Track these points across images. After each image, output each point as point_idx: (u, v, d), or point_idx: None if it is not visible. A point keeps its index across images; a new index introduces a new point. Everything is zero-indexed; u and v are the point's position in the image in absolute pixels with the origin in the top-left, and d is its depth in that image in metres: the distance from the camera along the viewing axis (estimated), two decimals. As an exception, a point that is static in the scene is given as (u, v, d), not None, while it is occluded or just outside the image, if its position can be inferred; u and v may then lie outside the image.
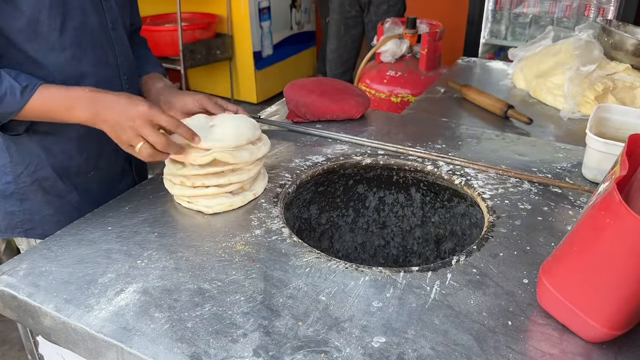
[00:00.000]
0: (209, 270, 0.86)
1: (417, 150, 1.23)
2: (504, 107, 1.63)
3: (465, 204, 1.26)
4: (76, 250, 0.91)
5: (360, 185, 1.35)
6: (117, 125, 0.96)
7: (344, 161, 1.22)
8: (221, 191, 1.01)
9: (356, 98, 1.41)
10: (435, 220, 1.39)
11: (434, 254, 1.45)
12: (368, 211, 1.42)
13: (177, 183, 1.02)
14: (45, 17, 1.00)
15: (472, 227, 1.32)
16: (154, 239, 0.94)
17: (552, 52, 1.83)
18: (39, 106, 0.96)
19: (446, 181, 1.18)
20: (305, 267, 0.87)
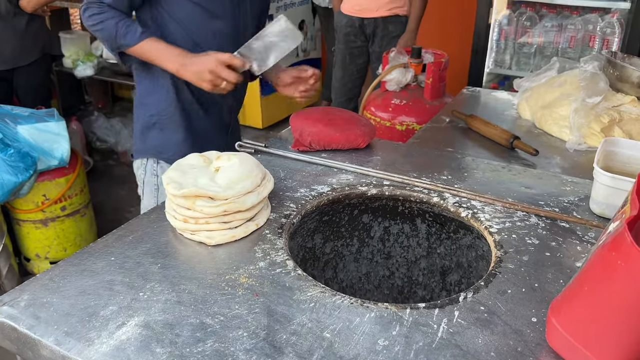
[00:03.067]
0: (212, 304, 0.85)
1: (422, 182, 1.22)
2: (510, 138, 1.63)
3: (471, 236, 1.25)
4: (78, 281, 0.90)
5: (366, 214, 1.34)
6: (199, 73, 1.40)
7: (350, 191, 1.21)
8: (225, 227, 1.00)
9: (362, 128, 1.41)
10: (440, 252, 1.38)
11: (439, 285, 1.43)
12: (373, 241, 1.41)
13: (180, 219, 1.02)
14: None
15: (478, 260, 1.30)
16: (156, 271, 0.93)
17: (557, 83, 1.84)
18: (145, 49, 1.44)
19: (452, 213, 1.17)
20: (309, 301, 0.85)
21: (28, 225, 2.52)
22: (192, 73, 1.41)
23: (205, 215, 0.99)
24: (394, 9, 3.06)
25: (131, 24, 1.43)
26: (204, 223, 1.00)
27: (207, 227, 1.00)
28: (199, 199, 0.99)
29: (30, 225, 2.51)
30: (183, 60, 1.42)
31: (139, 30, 1.42)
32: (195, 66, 1.40)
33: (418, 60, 2.31)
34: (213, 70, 1.38)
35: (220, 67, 1.38)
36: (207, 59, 1.40)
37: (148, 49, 1.43)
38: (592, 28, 2.57)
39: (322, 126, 1.38)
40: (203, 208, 0.99)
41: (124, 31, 1.41)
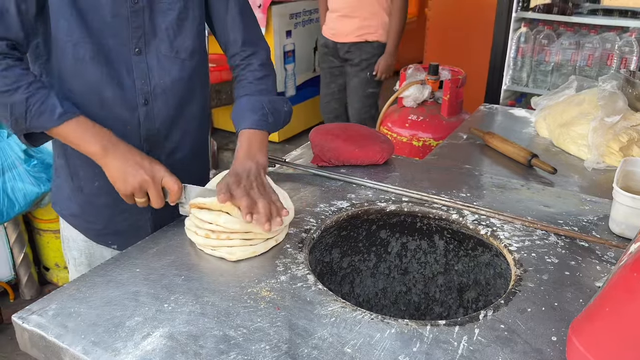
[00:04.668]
0: (235, 316, 0.86)
1: (441, 199, 1.23)
2: (528, 156, 1.63)
3: (490, 253, 1.25)
4: (104, 292, 0.92)
5: (383, 230, 1.35)
6: (125, 172, 1.03)
7: (369, 207, 1.23)
8: (246, 244, 1.02)
9: (381, 144, 1.43)
10: (458, 269, 1.38)
11: (456, 302, 1.43)
12: (390, 256, 1.42)
13: (201, 234, 1.04)
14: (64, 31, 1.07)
15: (496, 277, 1.30)
16: (180, 283, 0.95)
17: (575, 101, 1.84)
18: (66, 133, 1.04)
19: (471, 231, 1.18)
20: (330, 316, 0.87)
21: (48, 235, 2.56)
22: (117, 167, 1.04)
23: (227, 230, 1.01)
24: (364, 35, 3.10)
25: (46, 97, 1.01)
26: (226, 238, 1.02)
27: (228, 243, 1.02)
28: (224, 214, 1.01)
29: (51, 234, 2.55)
30: (110, 146, 1.04)
31: (58, 107, 1.01)
32: (125, 160, 1.04)
33: (435, 77, 2.33)
34: (145, 181, 1.03)
35: (156, 183, 1.04)
36: (146, 162, 1.05)
37: (69, 131, 1.04)
38: (610, 47, 2.58)
39: (342, 142, 1.40)
40: (227, 223, 1.01)
41: (38, 109, 1.00)
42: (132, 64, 1.13)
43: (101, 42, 1.09)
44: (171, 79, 1.18)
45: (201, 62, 1.24)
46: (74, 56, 1.08)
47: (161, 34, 1.14)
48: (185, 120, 1.24)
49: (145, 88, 1.15)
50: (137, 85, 1.15)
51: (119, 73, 1.13)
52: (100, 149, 1.03)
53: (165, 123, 1.21)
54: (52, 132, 1.04)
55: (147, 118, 1.18)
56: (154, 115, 1.18)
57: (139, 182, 1.03)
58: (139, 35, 1.12)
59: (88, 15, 1.07)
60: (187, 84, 1.21)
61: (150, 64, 1.15)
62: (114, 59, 1.11)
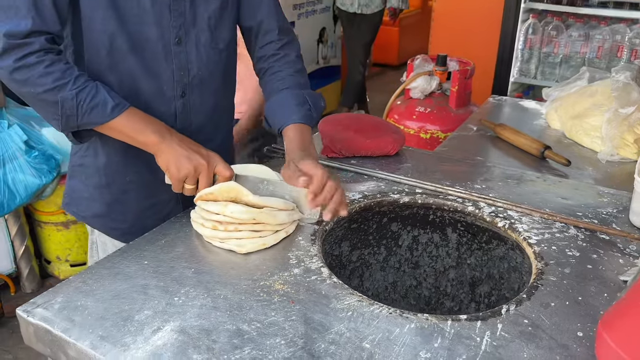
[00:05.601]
0: (248, 310, 0.83)
1: (456, 190, 1.20)
2: (541, 148, 1.60)
3: (505, 247, 1.22)
4: (112, 285, 0.89)
5: (395, 223, 1.32)
6: (180, 157, 0.99)
7: (381, 199, 1.20)
8: (255, 235, 0.99)
9: (392, 135, 1.39)
10: (471, 262, 1.35)
11: (468, 297, 1.40)
12: (401, 250, 1.39)
13: (208, 226, 1.00)
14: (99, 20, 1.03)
15: (510, 271, 1.27)
16: (190, 275, 0.92)
17: (588, 93, 1.81)
18: (120, 126, 1.00)
19: (488, 223, 1.14)
20: (347, 310, 0.83)
21: (49, 228, 2.53)
22: (173, 152, 0.99)
23: (235, 221, 0.98)
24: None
25: (96, 91, 0.97)
26: (234, 230, 0.98)
27: (237, 235, 0.98)
28: (231, 204, 0.98)
29: (52, 227, 2.52)
30: (166, 132, 1.02)
31: (109, 100, 0.97)
32: (181, 145, 1.00)
33: (443, 68, 2.29)
34: (201, 165, 1.00)
35: (210, 169, 1.01)
36: (202, 149, 1.03)
37: (123, 123, 0.99)
38: (620, 38, 2.54)
39: (352, 133, 1.36)
40: (234, 213, 0.97)
41: (89, 104, 0.96)
42: (172, 54, 1.09)
43: (139, 32, 1.04)
44: (209, 70, 1.14)
45: (234, 53, 1.21)
46: (110, 47, 1.04)
47: (202, 23, 1.10)
48: (217, 113, 1.21)
49: (184, 79, 1.11)
50: (176, 76, 1.10)
51: (158, 64, 1.08)
52: (158, 137, 1.00)
53: (199, 116, 1.17)
54: (104, 126, 0.99)
55: (183, 111, 1.14)
56: (189, 108, 1.14)
57: (194, 166, 0.99)
58: (180, 23, 1.08)
59: (126, 3, 1.02)
60: (222, 75, 1.18)
61: (189, 54, 1.10)
62: (153, 49, 1.06)
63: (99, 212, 1.21)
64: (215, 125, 1.22)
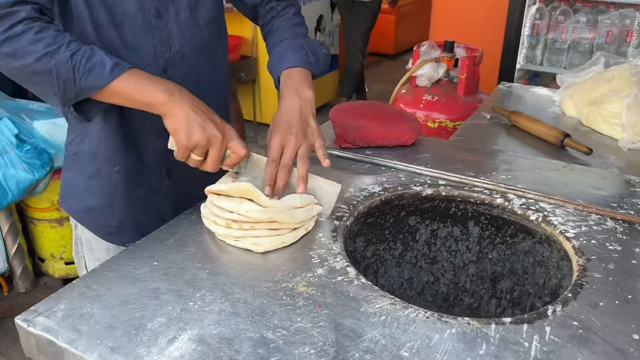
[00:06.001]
0: (271, 315, 0.76)
1: (482, 181, 1.13)
2: (560, 136, 1.53)
3: (532, 240, 1.16)
4: (120, 289, 0.81)
5: (413, 216, 1.25)
6: (192, 121, 0.89)
7: (403, 191, 1.12)
8: (273, 233, 0.92)
9: (409, 123, 1.32)
10: (493, 257, 1.29)
11: (488, 293, 1.34)
12: (418, 245, 1.32)
13: (221, 224, 0.92)
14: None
15: (535, 266, 1.21)
16: (205, 277, 0.84)
17: (605, 78, 1.74)
18: (122, 87, 0.89)
19: (518, 216, 1.08)
20: (379, 314, 0.76)
21: (43, 225, 2.44)
22: (185, 114, 0.89)
23: (251, 220, 0.90)
24: None
25: (91, 52, 0.88)
26: (250, 229, 0.91)
27: (253, 233, 0.91)
28: (246, 202, 0.91)
29: (45, 224, 2.43)
30: (176, 90, 0.91)
31: (107, 60, 0.88)
32: (194, 109, 0.90)
33: (450, 54, 2.22)
34: (215, 137, 0.89)
35: (224, 143, 0.91)
36: (217, 118, 0.93)
37: (126, 84, 0.89)
38: (629, 23, 2.47)
39: (367, 121, 1.29)
40: (250, 212, 0.89)
41: (85, 66, 0.87)
42: (153, 28, 1.03)
43: (118, 4, 0.99)
44: (190, 46, 1.08)
45: (219, 31, 1.16)
46: (92, 21, 0.98)
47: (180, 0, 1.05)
48: (203, 94, 1.13)
49: (165, 55, 1.06)
50: (157, 51, 1.05)
51: (138, 37, 1.02)
52: (167, 95, 0.89)
53: None
54: (106, 91, 0.89)
55: None
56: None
57: (207, 137, 0.89)
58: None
59: None
60: (206, 53, 1.12)
61: (170, 30, 1.05)
62: (132, 22, 1.01)
63: (91, 205, 1.16)
64: None
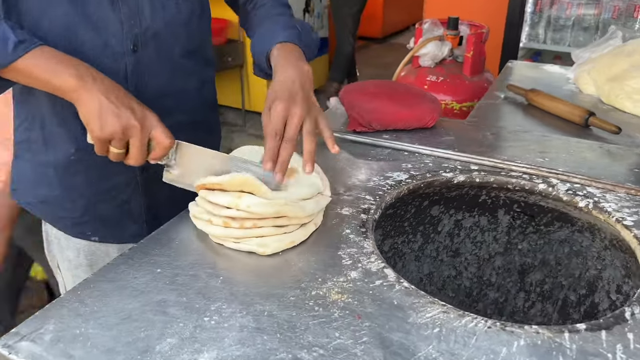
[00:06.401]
0: (303, 330, 0.64)
1: (520, 165, 1.02)
2: (585, 115, 1.42)
3: (570, 229, 1.06)
4: (119, 303, 0.68)
5: (437, 206, 1.14)
6: (104, 108, 0.77)
7: (432, 179, 1.01)
8: (279, 231, 0.79)
9: (429, 103, 1.20)
10: (522, 248, 1.18)
11: (516, 286, 1.24)
12: (439, 236, 1.21)
13: (218, 224, 0.79)
14: None
15: (571, 256, 1.11)
16: (219, 286, 0.71)
17: (624, 52, 1.64)
18: (28, 67, 0.78)
19: (562, 203, 0.97)
20: (432, 326, 0.65)
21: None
22: (96, 101, 0.76)
23: (253, 216, 0.77)
24: None
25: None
26: (252, 227, 0.77)
27: (257, 232, 0.77)
28: (246, 195, 0.77)
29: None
30: (88, 76, 0.78)
31: (11, 35, 0.77)
32: (108, 95, 0.77)
33: (455, 32, 2.10)
34: (133, 126, 0.78)
35: (145, 132, 0.79)
36: (136, 104, 0.80)
37: (32, 63, 0.78)
38: (636, -3, 2.38)
39: (385, 101, 1.16)
40: (252, 207, 0.76)
41: None
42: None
43: None
44: (165, 21, 0.93)
45: (201, 9, 1.00)
46: None
47: None
48: (180, 78, 0.99)
49: (134, 30, 0.90)
50: (125, 27, 0.89)
51: (100, 8, 0.86)
52: (76, 80, 0.77)
53: (157, 78, 0.95)
54: (10, 70, 0.78)
55: (135, 69, 0.92)
56: (144, 67, 0.93)
57: (123, 126, 0.77)
58: None
59: None
60: (183, 33, 0.96)
61: (140, 1, 0.89)
62: None
63: (47, 195, 1.00)
64: (179, 92, 1.00)
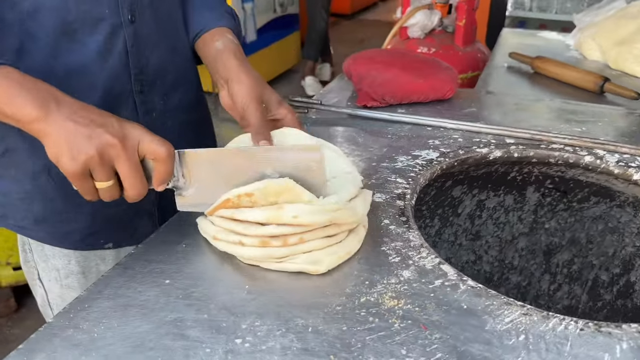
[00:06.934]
0: (361, 349, 0.52)
1: (563, 136, 0.91)
2: (599, 81, 1.33)
3: (608, 204, 0.97)
4: (125, 327, 0.55)
5: (459, 186, 1.03)
6: (73, 134, 0.58)
7: (466, 156, 0.89)
8: (331, 242, 0.64)
9: (446, 72, 1.08)
10: (549, 227, 1.09)
11: (540, 268, 1.16)
12: (459, 219, 1.11)
13: (252, 244, 0.62)
14: None
15: (605, 233, 1.03)
16: (246, 297, 0.59)
17: (629, 15, 1.55)
18: None
19: (612, 176, 0.87)
20: (515, 333, 0.54)
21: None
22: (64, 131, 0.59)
23: (301, 230, 0.62)
24: None
25: None
26: (298, 242, 0.62)
27: (305, 248, 0.62)
28: (288, 205, 0.61)
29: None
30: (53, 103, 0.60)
31: None
32: (76, 120, 0.59)
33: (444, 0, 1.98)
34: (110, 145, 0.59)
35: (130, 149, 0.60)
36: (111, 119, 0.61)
37: None
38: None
39: (397, 71, 1.04)
40: (301, 217, 0.60)
41: None
42: None
43: None
44: None
45: None
46: None
47: None
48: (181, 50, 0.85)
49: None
50: None
51: None
52: (38, 110, 0.59)
53: (158, 51, 0.82)
54: None
55: (136, 43, 0.77)
56: (144, 39, 0.79)
57: (97, 147, 0.58)
58: None
59: None
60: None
61: None
62: None
63: (44, 213, 0.82)
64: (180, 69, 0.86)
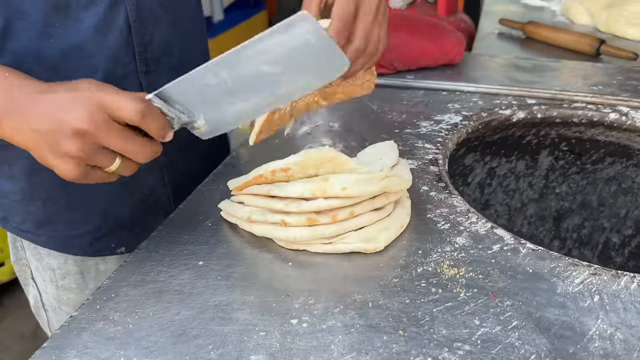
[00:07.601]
0: (430, 322, 0.47)
1: (585, 95, 0.89)
2: (595, 43, 1.32)
3: (624, 164, 0.96)
4: (162, 314, 0.49)
5: (472, 154, 1.00)
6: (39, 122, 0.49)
7: (490, 118, 0.86)
8: (382, 215, 0.58)
9: (452, 35, 1.04)
10: (560, 191, 1.08)
11: (550, 234, 1.15)
12: (468, 189, 1.08)
13: (294, 223, 0.55)
14: None
15: (618, 194, 1.02)
16: (292, 274, 0.53)
17: (617, -24, 1.55)
18: None
19: (636, 132, 0.85)
20: (588, 294, 0.50)
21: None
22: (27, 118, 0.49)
23: (349, 202, 0.55)
24: None
25: None
26: (349, 216, 0.55)
27: (356, 223, 0.56)
28: (333, 175, 0.55)
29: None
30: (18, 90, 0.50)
31: None
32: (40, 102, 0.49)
33: (426, -32, 1.93)
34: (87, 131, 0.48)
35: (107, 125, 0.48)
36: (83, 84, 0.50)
37: None
38: None
39: (405, 35, 0.99)
40: (349, 188, 0.54)
41: None
42: None
43: None
44: None
45: None
46: None
47: None
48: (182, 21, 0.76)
49: None
50: None
51: None
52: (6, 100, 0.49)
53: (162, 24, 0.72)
54: None
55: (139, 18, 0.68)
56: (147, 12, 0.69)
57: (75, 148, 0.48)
58: None
59: None
60: None
61: None
62: None
63: (45, 215, 0.73)
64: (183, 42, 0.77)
